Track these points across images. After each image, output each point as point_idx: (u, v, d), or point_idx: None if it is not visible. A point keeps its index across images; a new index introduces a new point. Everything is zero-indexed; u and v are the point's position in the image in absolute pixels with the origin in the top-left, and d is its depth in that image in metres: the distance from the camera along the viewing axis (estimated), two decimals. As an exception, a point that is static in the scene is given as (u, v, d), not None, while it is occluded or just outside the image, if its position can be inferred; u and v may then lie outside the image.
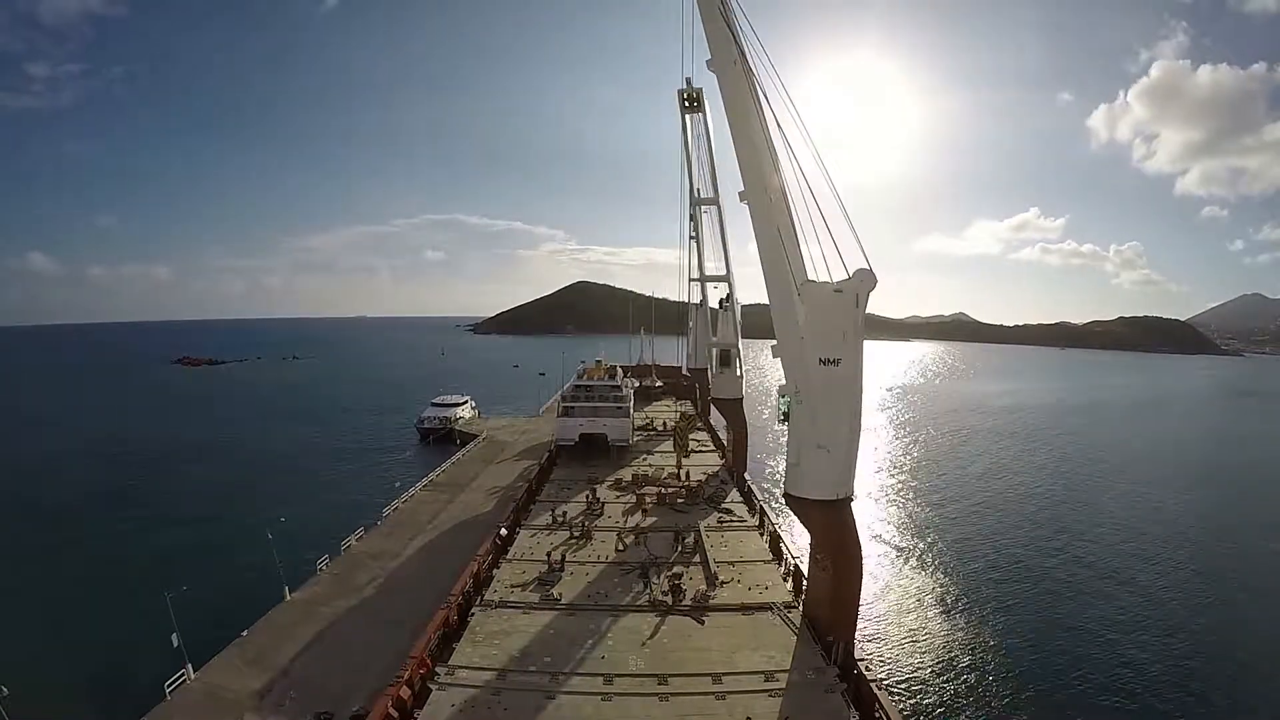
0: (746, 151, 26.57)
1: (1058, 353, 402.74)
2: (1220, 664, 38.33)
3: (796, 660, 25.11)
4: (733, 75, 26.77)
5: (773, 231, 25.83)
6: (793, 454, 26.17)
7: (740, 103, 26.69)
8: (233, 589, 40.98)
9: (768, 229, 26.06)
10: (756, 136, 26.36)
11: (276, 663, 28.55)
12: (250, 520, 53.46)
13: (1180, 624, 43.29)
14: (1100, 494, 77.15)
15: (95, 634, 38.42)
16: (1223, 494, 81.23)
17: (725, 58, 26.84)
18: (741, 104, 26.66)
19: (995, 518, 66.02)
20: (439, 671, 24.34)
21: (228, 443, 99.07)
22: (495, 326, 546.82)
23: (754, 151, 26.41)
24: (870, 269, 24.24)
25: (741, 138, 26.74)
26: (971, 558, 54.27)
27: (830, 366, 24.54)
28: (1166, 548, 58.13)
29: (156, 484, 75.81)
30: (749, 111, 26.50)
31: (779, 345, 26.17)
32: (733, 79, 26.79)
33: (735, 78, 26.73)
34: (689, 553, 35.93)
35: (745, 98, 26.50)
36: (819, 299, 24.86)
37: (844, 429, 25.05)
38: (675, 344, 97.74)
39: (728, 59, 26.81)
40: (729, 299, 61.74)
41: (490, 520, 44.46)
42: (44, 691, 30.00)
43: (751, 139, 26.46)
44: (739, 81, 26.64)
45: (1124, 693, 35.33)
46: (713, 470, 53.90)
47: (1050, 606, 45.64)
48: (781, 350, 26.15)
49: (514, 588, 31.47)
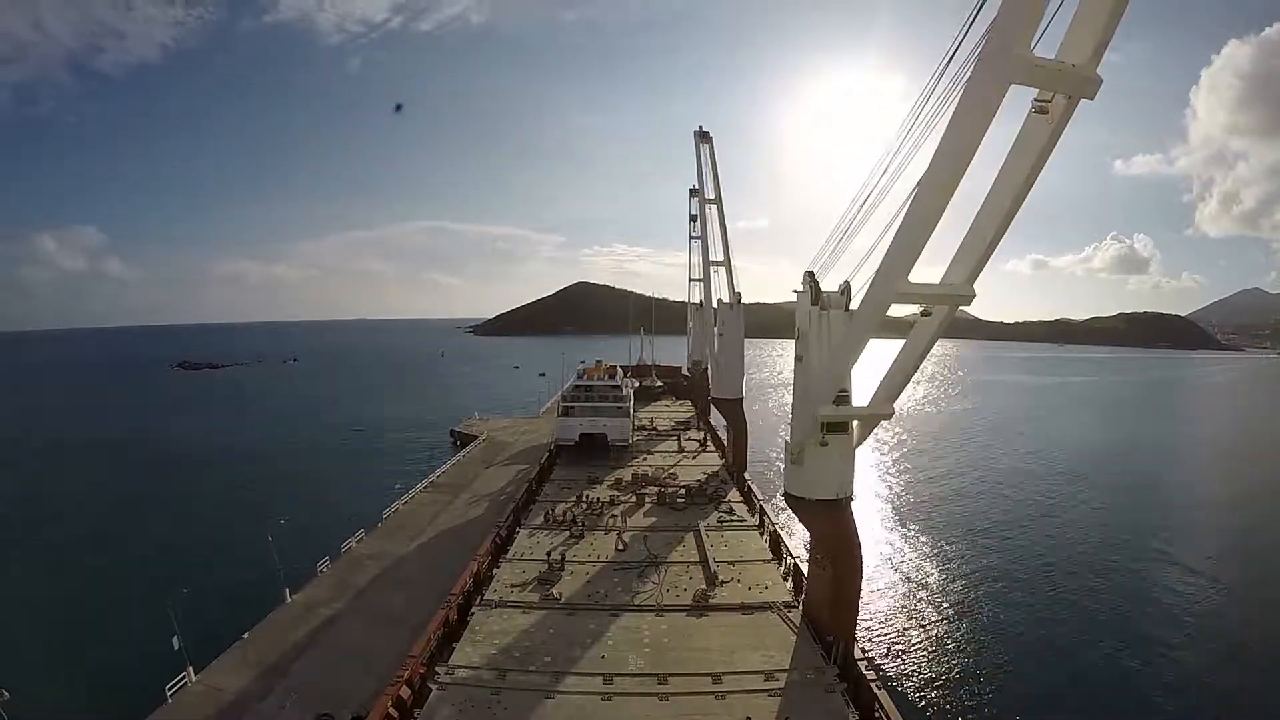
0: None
1: (1054, 351, 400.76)
2: (1221, 664, 38.23)
3: (796, 660, 25.11)
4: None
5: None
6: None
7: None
8: (233, 591, 40.97)
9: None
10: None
11: (277, 665, 28.56)
12: (250, 523, 53.39)
13: (1181, 624, 43.17)
14: (1101, 494, 77.03)
15: (96, 637, 38.46)
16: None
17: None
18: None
19: (996, 517, 65.91)
20: (439, 671, 24.36)
21: (228, 446, 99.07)
22: (496, 328, 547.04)
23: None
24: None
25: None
26: (971, 557, 54.16)
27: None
28: (1168, 548, 58.07)
29: (156, 488, 75.83)
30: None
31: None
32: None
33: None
34: (689, 552, 35.96)
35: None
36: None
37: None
38: (681, 343, 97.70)
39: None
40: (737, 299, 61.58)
41: (490, 521, 44.48)
42: (45, 695, 29.96)
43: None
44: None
45: (1124, 692, 35.28)
46: (713, 470, 53.89)
47: (1051, 606, 45.53)
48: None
49: (514, 587, 31.49)
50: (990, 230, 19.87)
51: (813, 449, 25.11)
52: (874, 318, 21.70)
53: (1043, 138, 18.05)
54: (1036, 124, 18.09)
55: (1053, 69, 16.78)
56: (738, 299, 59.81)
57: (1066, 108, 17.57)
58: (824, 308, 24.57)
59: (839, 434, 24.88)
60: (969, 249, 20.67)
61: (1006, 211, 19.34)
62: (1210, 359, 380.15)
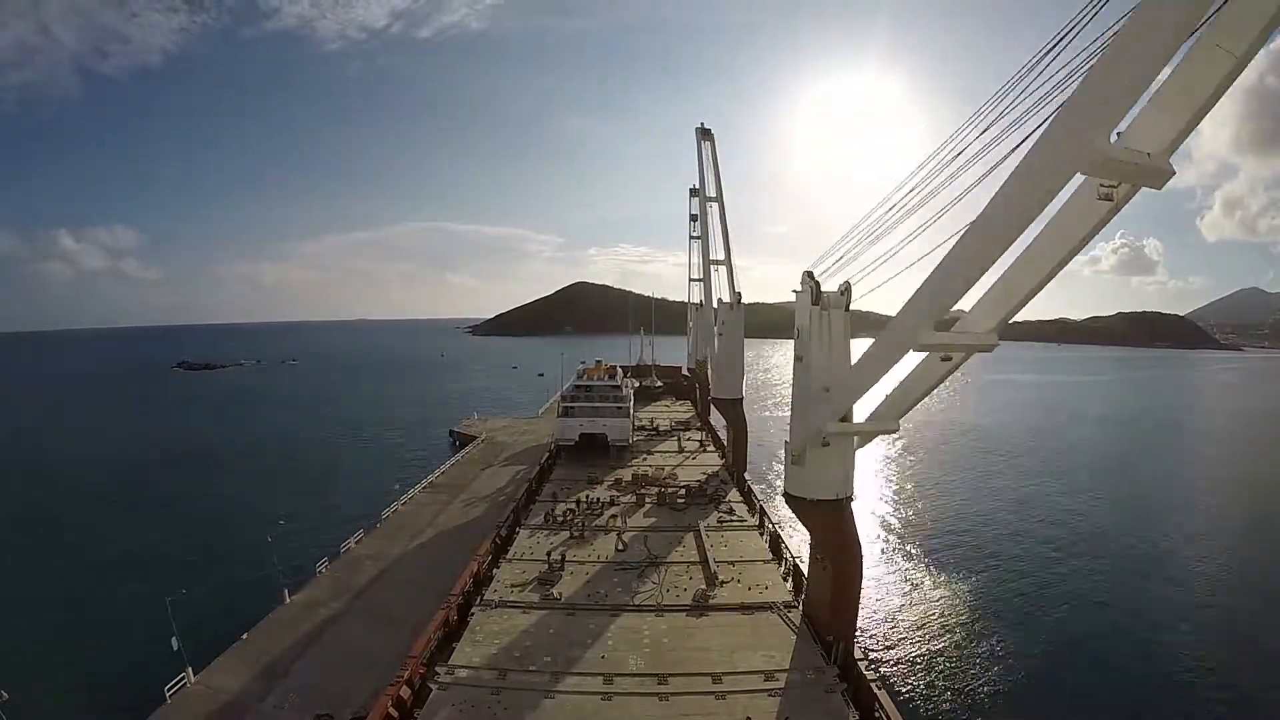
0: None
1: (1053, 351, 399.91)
2: (1222, 665, 38.21)
3: (796, 660, 25.08)
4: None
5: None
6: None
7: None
8: (232, 592, 41.01)
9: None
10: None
11: (276, 665, 28.54)
12: (249, 523, 53.46)
13: (1185, 625, 43.17)
14: (1101, 494, 77.04)
15: (95, 637, 38.45)
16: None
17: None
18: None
19: (996, 517, 65.92)
20: (439, 671, 24.33)
21: (227, 447, 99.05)
22: (495, 328, 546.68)
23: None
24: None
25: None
26: (972, 557, 54.16)
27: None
28: (1169, 548, 58.10)
29: (155, 488, 75.78)
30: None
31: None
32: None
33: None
34: (689, 553, 35.94)
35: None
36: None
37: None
38: (681, 343, 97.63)
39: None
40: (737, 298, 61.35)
41: (490, 521, 44.45)
42: (45, 695, 29.96)
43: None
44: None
45: (1125, 692, 35.27)
46: (713, 470, 53.87)
47: (1051, 605, 45.50)
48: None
49: (514, 587, 31.44)
50: (1024, 288, 18.28)
51: (813, 449, 25.11)
52: (886, 364, 21.30)
53: (1098, 217, 16.10)
54: (1094, 205, 15.92)
55: (1129, 162, 14.11)
56: (738, 299, 59.63)
57: (1129, 193, 15.59)
58: (824, 307, 24.53)
59: (840, 435, 24.88)
60: (996, 300, 19.24)
61: (1046, 273, 17.61)
62: (1209, 358, 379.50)
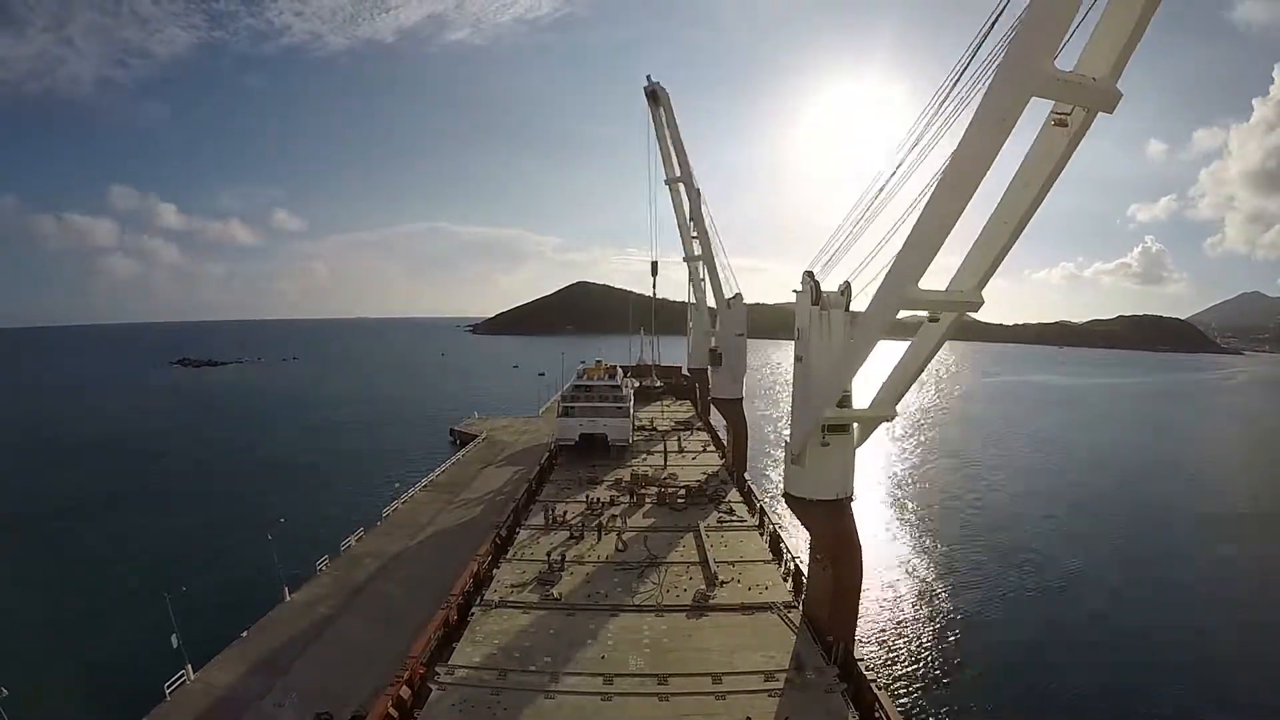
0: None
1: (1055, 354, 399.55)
2: (1225, 666, 38.23)
3: (796, 660, 25.07)
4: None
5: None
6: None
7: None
8: (232, 590, 40.99)
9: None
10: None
11: (276, 663, 28.56)
12: (250, 521, 53.47)
13: (1184, 624, 43.20)
14: (1102, 494, 77.06)
15: (95, 635, 38.44)
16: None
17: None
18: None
19: (996, 517, 65.92)
20: (439, 671, 24.32)
21: (227, 444, 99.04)
22: (495, 327, 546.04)
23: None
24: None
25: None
26: (972, 557, 54.15)
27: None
28: (1170, 547, 58.11)
29: (155, 485, 75.76)
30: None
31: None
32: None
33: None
34: (689, 553, 35.93)
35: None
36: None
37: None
38: (681, 343, 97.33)
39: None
40: (735, 296, 61.07)
41: (490, 520, 44.47)
42: (44, 693, 29.99)
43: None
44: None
45: (1126, 692, 35.26)
46: (713, 470, 53.86)
47: (1052, 605, 45.53)
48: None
49: (514, 587, 31.44)
50: (1002, 238, 19.59)
51: (813, 449, 25.11)
52: (880, 324, 21.60)
53: (1059, 149, 17.78)
54: (1053, 136, 17.78)
55: (1075, 83, 16.34)
56: (738, 298, 59.24)
57: (1085, 121, 17.28)
58: (824, 307, 24.54)
59: (840, 434, 24.89)
60: (979, 256, 20.43)
61: (1019, 220, 19.10)
62: (1210, 362, 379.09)
